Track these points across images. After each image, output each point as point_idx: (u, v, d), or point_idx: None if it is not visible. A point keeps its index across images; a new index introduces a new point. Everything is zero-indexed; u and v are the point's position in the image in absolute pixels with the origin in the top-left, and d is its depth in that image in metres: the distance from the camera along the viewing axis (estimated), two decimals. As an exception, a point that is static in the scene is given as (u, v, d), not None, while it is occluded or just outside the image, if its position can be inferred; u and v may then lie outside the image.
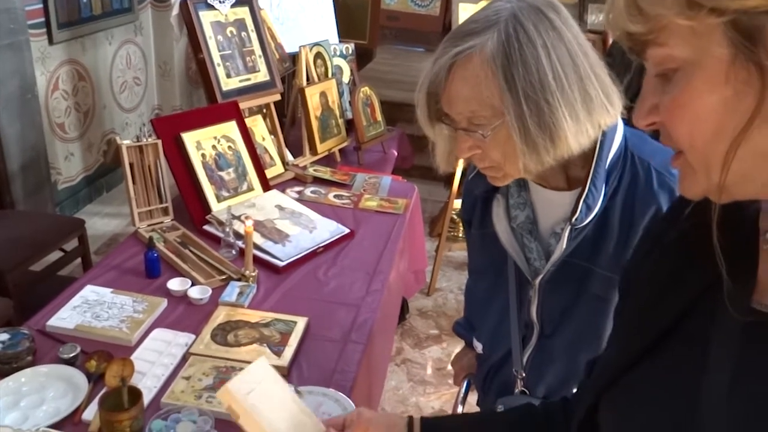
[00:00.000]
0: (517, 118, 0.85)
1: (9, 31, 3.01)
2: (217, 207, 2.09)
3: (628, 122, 1.00)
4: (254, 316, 1.64)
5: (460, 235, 3.83)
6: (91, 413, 1.29)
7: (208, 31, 2.26)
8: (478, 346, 1.32)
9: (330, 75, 2.95)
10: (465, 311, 1.47)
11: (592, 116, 0.90)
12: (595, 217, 0.98)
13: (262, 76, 2.47)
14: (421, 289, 3.29)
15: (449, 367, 2.81)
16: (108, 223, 3.74)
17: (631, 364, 0.62)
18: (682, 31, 0.45)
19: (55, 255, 2.69)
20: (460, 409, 1.47)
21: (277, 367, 1.45)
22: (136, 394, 1.24)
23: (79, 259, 2.80)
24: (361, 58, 4.53)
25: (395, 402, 2.60)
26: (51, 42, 3.40)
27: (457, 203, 3.40)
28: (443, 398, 2.63)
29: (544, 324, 1.12)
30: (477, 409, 1.40)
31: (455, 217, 3.85)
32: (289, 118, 3.06)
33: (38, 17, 3.29)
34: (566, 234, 1.00)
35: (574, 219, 0.97)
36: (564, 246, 1.01)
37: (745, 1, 0.41)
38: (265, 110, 2.56)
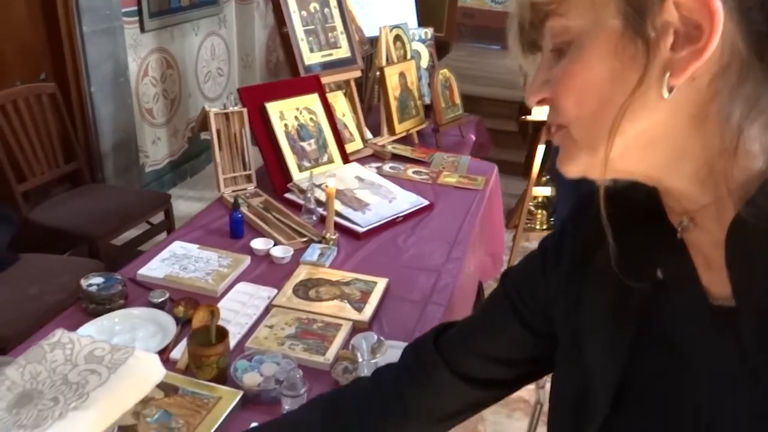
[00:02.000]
0: None
1: (105, 17, 3.17)
2: (298, 176, 2.11)
3: None
4: (335, 275, 1.64)
5: (538, 226, 3.74)
6: (178, 353, 1.32)
7: (293, 6, 2.30)
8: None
9: (409, 57, 2.95)
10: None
11: None
12: None
13: (343, 52, 2.49)
14: (496, 278, 3.22)
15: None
16: (191, 205, 3.86)
17: (615, 405, 0.56)
18: (580, 2, 0.47)
19: (139, 229, 2.81)
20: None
21: (359, 322, 1.45)
22: (223, 332, 1.26)
23: (164, 234, 2.90)
24: (437, 52, 4.52)
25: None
26: (142, 30, 3.56)
27: (536, 191, 3.32)
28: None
29: None
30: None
31: (532, 208, 3.77)
32: (366, 100, 3.07)
33: (132, 5, 3.45)
34: None
35: None
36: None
37: None
38: (345, 88, 2.58)
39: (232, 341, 1.36)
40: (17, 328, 1.83)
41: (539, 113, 3.17)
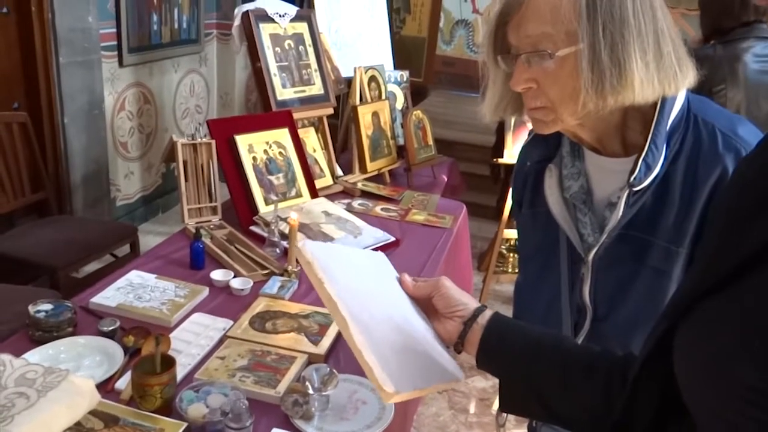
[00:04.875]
0: (590, 47, 0.83)
1: (83, 50, 3.18)
2: (264, 210, 2.09)
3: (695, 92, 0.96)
4: (294, 307, 1.61)
5: (509, 269, 3.74)
6: (124, 383, 1.27)
7: (267, 42, 2.33)
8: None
9: (383, 98, 2.98)
10: (513, 310, 1.40)
11: (660, 72, 0.87)
12: (655, 179, 0.92)
13: (316, 89, 2.52)
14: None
15: (496, 404, 2.69)
16: (160, 241, 3.81)
17: (713, 290, 0.57)
18: None
19: (104, 262, 2.75)
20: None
21: (314, 355, 1.42)
22: (169, 361, 1.22)
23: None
24: (415, 97, 4.60)
25: (434, 428, 2.49)
26: (121, 64, 3.58)
27: (507, 233, 3.33)
28: (486, 428, 2.51)
29: (598, 305, 1.05)
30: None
31: (504, 251, 3.78)
32: (340, 139, 3.09)
33: (111, 40, 3.47)
34: (623, 200, 0.95)
35: (632, 179, 0.92)
36: (620, 213, 0.95)
37: None
38: (317, 124, 2.59)
39: (182, 372, 1.32)
40: (-37, 357, 1.76)
41: (510, 157, 3.21)
